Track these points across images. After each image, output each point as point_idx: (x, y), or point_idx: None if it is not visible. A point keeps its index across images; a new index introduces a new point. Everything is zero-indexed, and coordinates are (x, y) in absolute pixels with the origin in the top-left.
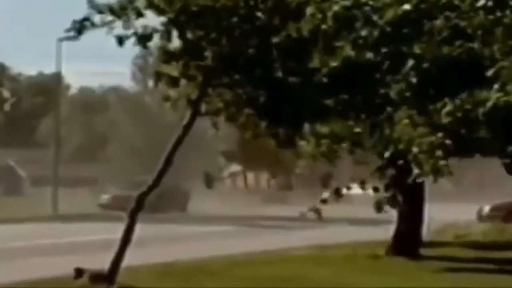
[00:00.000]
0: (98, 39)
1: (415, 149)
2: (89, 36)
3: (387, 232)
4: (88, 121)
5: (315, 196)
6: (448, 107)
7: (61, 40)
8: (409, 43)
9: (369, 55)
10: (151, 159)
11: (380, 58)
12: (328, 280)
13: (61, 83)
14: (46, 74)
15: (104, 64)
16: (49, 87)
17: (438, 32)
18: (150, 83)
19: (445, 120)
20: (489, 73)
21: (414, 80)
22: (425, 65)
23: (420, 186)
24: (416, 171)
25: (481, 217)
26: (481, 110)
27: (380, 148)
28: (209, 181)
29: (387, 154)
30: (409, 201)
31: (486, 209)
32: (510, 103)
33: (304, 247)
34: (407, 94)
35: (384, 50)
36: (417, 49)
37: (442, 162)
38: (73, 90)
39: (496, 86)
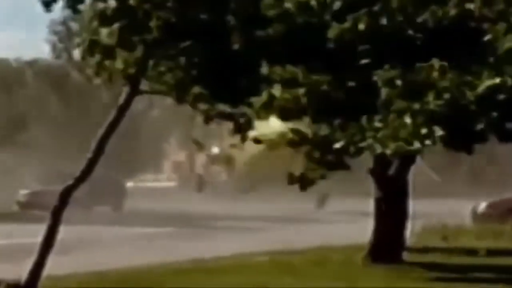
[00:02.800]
0: (16, 2)
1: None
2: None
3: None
4: (3, 98)
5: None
6: (437, 78)
7: None
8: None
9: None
10: (81, 146)
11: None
12: None
13: None
14: None
15: (22, 33)
16: None
17: None
18: (76, 54)
19: (434, 106)
20: (486, 38)
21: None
22: (410, 31)
23: (403, 179)
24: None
25: (475, 216)
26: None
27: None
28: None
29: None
30: (389, 197)
31: (482, 206)
32: (507, 85)
33: (265, 252)
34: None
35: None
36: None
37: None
38: None
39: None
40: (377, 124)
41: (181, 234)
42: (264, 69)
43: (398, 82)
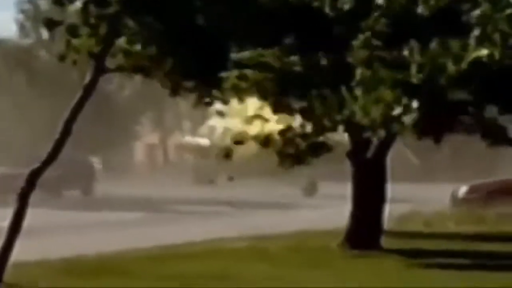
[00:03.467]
0: None
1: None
2: None
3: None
4: None
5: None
6: (417, 58)
7: None
8: None
9: None
10: (49, 127)
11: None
12: (264, 278)
13: None
14: None
15: None
16: None
17: None
18: (45, 34)
19: (417, 80)
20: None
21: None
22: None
23: (380, 162)
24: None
25: (455, 201)
26: (453, 68)
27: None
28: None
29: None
30: (366, 181)
31: (462, 190)
32: (494, 59)
33: (239, 238)
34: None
35: None
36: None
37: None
38: None
39: (476, 33)
40: (358, 93)
41: (153, 220)
42: (234, 54)
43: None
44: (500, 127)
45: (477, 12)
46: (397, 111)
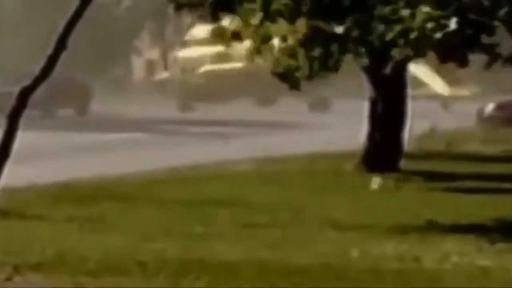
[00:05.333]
0: None
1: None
2: None
3: None
4: None
5: None
6: None
7: None
8: None
9: None
10: (41, 42)
11: None
12: (272, 202)
13: None
14: None
15: None
16: None
17: None
18: None
19: None
20: None
21: None
22: None
23: (400, 77)
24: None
25: (481, 119)
26: None
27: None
28: None
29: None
30: (385, 98)
31: (489, 108)
32: None
33: (246, 160)
34: None
35: None
36: None
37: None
38: None
39: None
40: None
41: (152, 141)
42: None
43: None
44: None
45: None
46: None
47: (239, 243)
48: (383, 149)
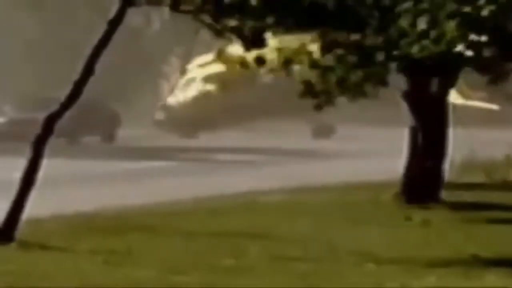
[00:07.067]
0: None
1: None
2: None
3: None
4: None
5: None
6: None
7: None
8: None
9: None
10: (65, 66)
11: None
12: (304, 234)
13: None
14: None
15: None
16: None
17: None
18: None
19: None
20: None
21: None
22: None
23: (442, 103)
24: None
25: None
26: None
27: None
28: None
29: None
30: (426, 125)
31: None
32: None
33: (277, 190)
34: None
35: None
36: None
37: None
38: None
39: None
40: (422, 27)
41: (179, 169)
42: None
43: None
44: None
45: None
46: (459, 47)
47: (270, 277)
48: (422, 179)
